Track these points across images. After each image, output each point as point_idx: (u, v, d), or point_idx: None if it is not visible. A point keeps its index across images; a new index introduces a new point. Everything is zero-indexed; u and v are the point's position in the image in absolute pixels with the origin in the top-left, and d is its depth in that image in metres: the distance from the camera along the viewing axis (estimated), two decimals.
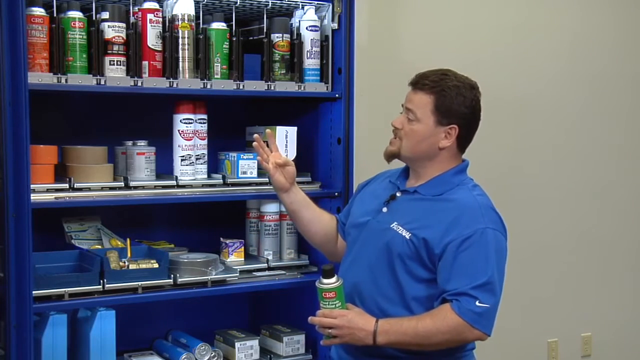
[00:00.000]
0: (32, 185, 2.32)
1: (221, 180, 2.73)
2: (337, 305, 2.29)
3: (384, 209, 2.35)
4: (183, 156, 2.67)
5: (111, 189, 2.55)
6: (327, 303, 2.30)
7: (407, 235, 2.26)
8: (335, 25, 2.80)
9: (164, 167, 2.73)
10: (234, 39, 2.68)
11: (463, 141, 2.33)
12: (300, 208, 2.55)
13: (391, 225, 2.30)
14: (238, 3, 2.67)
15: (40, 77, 2.36)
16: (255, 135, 2.51)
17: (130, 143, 2.67)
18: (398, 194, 2.36)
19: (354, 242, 2.41)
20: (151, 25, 2.54)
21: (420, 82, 2.30)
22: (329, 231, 2.58)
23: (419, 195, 2.32)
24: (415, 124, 2.29)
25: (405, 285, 2.27)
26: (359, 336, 2.25)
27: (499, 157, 3.89)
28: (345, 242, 2.50)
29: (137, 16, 2.54)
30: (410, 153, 2.32)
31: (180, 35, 2.57)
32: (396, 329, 2.23)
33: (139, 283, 2.47)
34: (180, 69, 2.58)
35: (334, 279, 2.29)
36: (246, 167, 2.77)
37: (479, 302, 2.17)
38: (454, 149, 2.33)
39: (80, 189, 2.49)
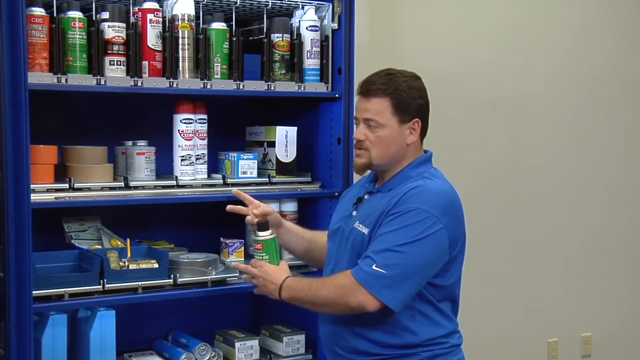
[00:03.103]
0: (32, 185, 2.32)
1: (221, 180, 2.73)
2: (264, 258, 2.39)
3: (354, 213, 2.36)
4: (183, 156, 2.67)
5: (111, 189, 2.55)
6: (256, 254, 2.42)
7: (365, 231, 2.27)
8: (335, 25, 2.80)
9: (164, 167, 2.73)
10: (234, 39, 2.68)
11: (423, 131, 2.34)
12: (294, 247, 2.60)
13: (354, 225, 2.31)
14: (238, 3, 2.67)
15: (40, 77, 2.36)
16: (234, 190, 2.56)
17: (130, 143, 2.67)
18: (366, 196, 2.37)
19: (331, 249, 2.43)
20: (151, 25, 2.54)
21: (371, 89, 2.29)
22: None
23: (380, 193, 2.33)
24: (379, 130, 2.27)
25: None
26: (269, 288, 2.34)
27: (499, 157, 3.89)
28: None
29: (137, 16, 2.54)
30: (382, 160, 2.30)
31: (180, 35, 2.57)
32: (296, 285, 2.30)
33: (139, 283, 2.47)
34: (180, 69, 2.58)
35: (266, 233, 2.40)
36: (246, 167, 2.77)
37: (376, 266, 2.14)
38: (418, 142, 2.33)
39: (80, 189, 2.49)
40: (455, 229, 2.24)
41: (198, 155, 2.71)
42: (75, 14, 2.45)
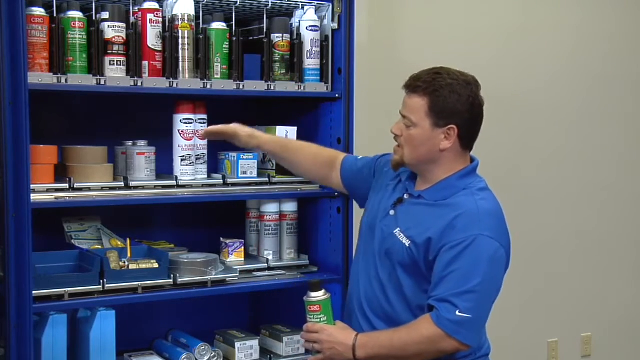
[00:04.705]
0: (32, 185, 2.32)
1: (221, 180, 2.73)
2: (322, 320, 2.29)
3: (391, 212, 2.31)
4: (183, 156, 2.67)
5: (111, 189, 2.55)
6: (312, 317, 2.30)
7: (407, 242, 2.22)
8: (335, 25, 2.80)
9: (164, 167, 2.72)
10: (234, 39, 2.68)
11: (466, 140, 2.25)
12: (274, 151, 2.62)
13: (394, 231, 2.26)
14: (238, 3, 2.67)
15: (40, 77, 2.36)
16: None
17: (130, 143, 2.67)
18: (406, 196, 2.31)
19: (365, 245, 2.38)
20: (151, 25, 2.54)
21: (412, 85, 2.23)
22: (320, 161, 2.61)
23: (422, 200, 2.26)
24: (412, 129, 2.22)
25: (408, 293, 2.25)
26: (339, 350, 2.24)
27: (499, 157, 3.89)
28: (345, 183, 2.55)
29: (137, 16, 2.54)
30: (412, 159, 2.25)
31: (180, 35, 2.57)
32: (374, 342, 2.21)
33: (139, 283, 2.47)
34: (180, 69, 2.58)
35: (320, 293, 2.29)
36: (246, 167, 2.77)
37: (459, 312, 2.11)
38: (457, 149, 2.24)
39: (80, 189, 2.48)
40: (509, 246, 2.23)
41: (198, 155, 2.71)
42: (75, 14, 2.45)
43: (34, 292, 2.29)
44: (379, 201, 2.39)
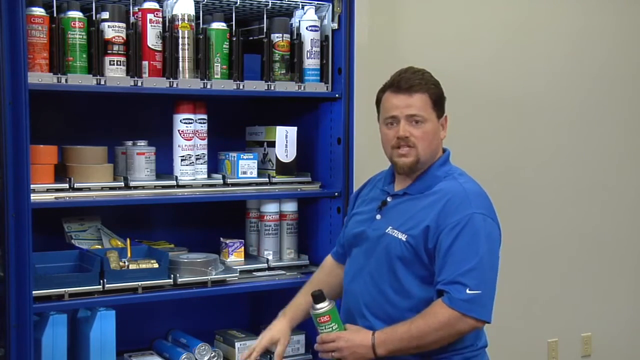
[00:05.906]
0: (32, 185, 2.32)
1: (221, 180, 2.73)
2: (334, 328, 2.29)
3: (378, 216, 2.33)
4: (183, 156, 2.67)
5: (111, 189, 2.55)
6: (323, 327, 2.30)
7: (403, 237, 2.24)
8: (335, 25, 2.80)
9: (164, 167, 2.73)
10: (234, 39, 2.68)
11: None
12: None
13: (386, 231, 2.28)
14: (238, 3, 2.68)
15: (40, 77, 2.36)
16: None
17: (130, 143, 2.67)
18: (389, 199, 2.34)
19: (354, 254, 2.40)
20: (151, 25, 2.54)
21: (409, 85, 2.27)
22: (335, 281, 2.53)
23: (408, 195, 2.31)
24: (424, 125, 2.27)
25: (410, 289, 2.25)
26: (360, 353, 2.25)
27: (499, 157, 3.89)
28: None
29: (137, 16, 2.54)
30: (426, 155, 2.29)
31: (180, 35, 2.57)
32: (392, 337, 2.22)
33: (139, 283, 2.47)
34: (180, 69, 2.58)
35: (325, 303, 2.29)
36: (246, 167, 2.77)
37: (470, 290, 2.15)
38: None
39: (80, 189, 2.49)
40: (499, 224, 2.29)
41: (198, 155, 2.71)
42: (75, 14, 2.45)
43: (34, 292, 2.30)
44: (360, 213, 2.41)
